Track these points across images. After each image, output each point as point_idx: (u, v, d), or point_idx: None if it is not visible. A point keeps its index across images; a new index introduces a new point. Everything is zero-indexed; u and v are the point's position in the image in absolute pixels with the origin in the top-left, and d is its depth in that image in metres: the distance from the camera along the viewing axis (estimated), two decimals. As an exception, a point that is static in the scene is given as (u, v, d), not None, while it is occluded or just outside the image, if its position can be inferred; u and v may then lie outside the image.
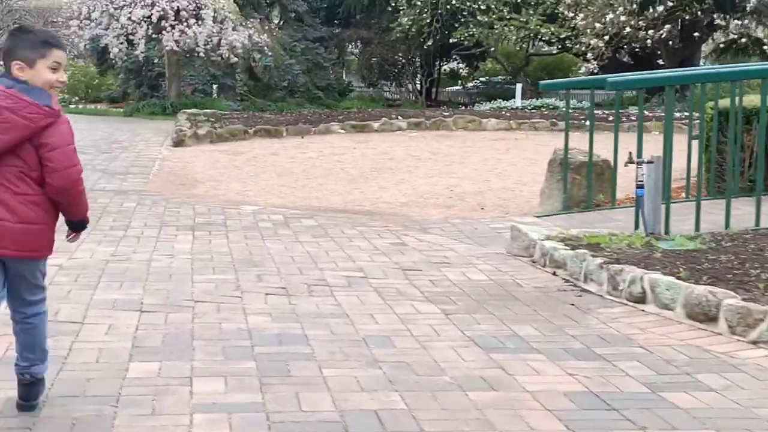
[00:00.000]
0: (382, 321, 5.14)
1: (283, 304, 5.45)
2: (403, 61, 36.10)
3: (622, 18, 25.15)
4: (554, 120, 17.97)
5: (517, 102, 23.55)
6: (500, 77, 41.64)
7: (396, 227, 8.35)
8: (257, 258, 6.76)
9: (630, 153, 7.23)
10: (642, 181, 7.04)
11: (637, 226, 7.29)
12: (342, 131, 17.04)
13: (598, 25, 25.65)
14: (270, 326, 4.93)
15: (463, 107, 31.29)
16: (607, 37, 25.66)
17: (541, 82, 8.85)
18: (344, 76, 39.25)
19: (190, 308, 5.25)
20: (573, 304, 5.61)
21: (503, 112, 19.63)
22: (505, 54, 36.29)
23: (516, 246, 7.06)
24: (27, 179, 3.39)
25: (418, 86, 37.47)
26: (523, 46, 35.93)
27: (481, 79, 40.23)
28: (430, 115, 18.65)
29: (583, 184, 9.03)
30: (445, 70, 42.89)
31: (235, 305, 5.36)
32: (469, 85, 39.42)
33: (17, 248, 3.41)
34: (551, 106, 26.78)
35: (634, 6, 25.25)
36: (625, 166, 7.38)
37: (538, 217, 8.80)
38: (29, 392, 3.56)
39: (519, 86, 24.48)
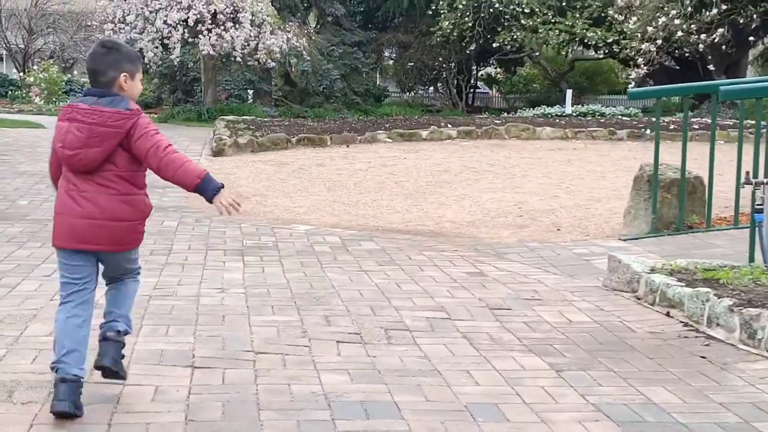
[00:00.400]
0: (482, 381, 4.25)
1: (360, 355, 4.57)
2: (445, 65, 35.21)
3: (676, 21, 24.10)
4: (612, 129, 16.98)
5: (567, 108, 22.59)
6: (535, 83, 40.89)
7: (467, 252, 7.46)
8: (320, 292, 5.89)
9: (747, 173, 6.30)
10: (761, 205, 6.09)
11: (752, 257, 6.35)
12: (389, 140, 16.17)
13: (650, 28, 24.62)
14: (350, 389, 4.05)
15: (506, 113, 30.40)
16: (660, 41, 24.64)
17: (630, 90, 7.89)
18: (377, 81, 38.41)
19: (251, 362, 4.38)
20: (704, 357, 4.69)
21: (557, 120, 18.66)
22: (548, 59, 35.34)
23: (615, 279, 6.14)
24: (119, 180, 3.68)
25: (456, 91, 36.62)
26: (565, 50, 35.12)
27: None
28: (481, 122, 17.73)
29: (673, 204, 8.09)
30: (481, 75, 41.98)
31: (304, 357, 4.49)
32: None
33: (111, 244, 3.72)
34: (597, 113, 25.81)
35: (689, 9, 24.22)
36: (742, 187, 6.44)
37: (623, 240, 7.87)
38: (107, 348, 3.77)
39: (569, 92, 23.47)
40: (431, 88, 38.80)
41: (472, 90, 38.33)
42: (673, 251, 7.24)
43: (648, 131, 16.82)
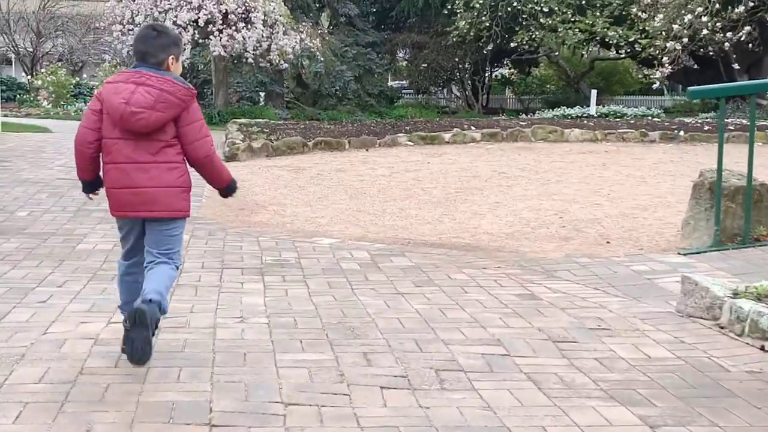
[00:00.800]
0: (564, 442, 3.48)
1: (411, 406, 3.80)
2: (460, 66, 34.42)
3: (703, 18, 23.25)
4: (644, 130, 16.16)
5: (592, 110, 21.75)
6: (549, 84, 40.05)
7: (512, 269, 6.69)
8: (354, 321, 5.11)
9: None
10: None
11: None
12: (410, 143, 15.40)
13: (675, 26, 23.77)
14: (405, 456, 3.28)
15: (524, 114, 29.59)
16: (685, 40, 23.79)
17: (690, 88, 7.09)
18: (389, 82, 37.54)
19: (281, 417, 3.61)
20: (821, 405, 3.90)
21: (584, 122, 17.84)
22: (566, 59, 34.50)
23: (692, 304, 5.35)
24: (169, 149, 3.96)
25: (471, 92, 35.81)
26: (581, 50, 34.28)
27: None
28: (506, 124, 16.93)
29: (737, 214, 7.29)
30: (496, 75, 41.12)
31: (344, 410, 3.72)
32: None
33: (165, 209, 4.00)
34: (618, 114, 24.98)
35: (716, 6, 23.35)
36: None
37: (683, 254, 7.07)
38: (141, 314, 3.79)
39: (594, 93, 22.63)
40: (445, 90, 38.04)
41: (487, 91, 37.50)
42: (743, 268, 6.46)
43: (681, 133, 16.01)
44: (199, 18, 22.49)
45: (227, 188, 4.34)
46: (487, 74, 36.86)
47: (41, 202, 9.43)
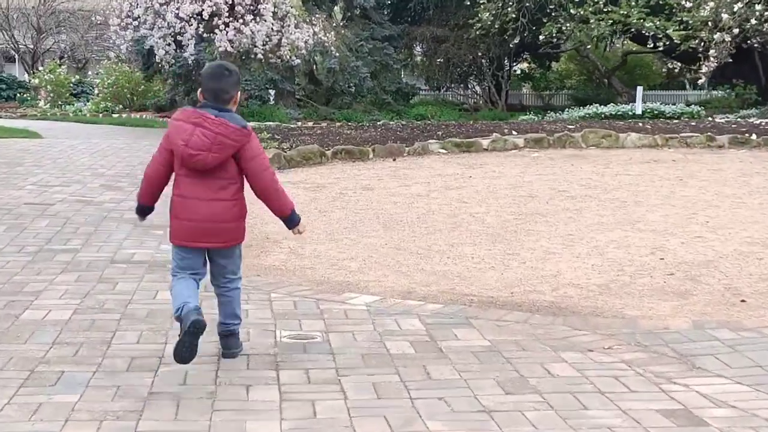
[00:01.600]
0: None
1: None
2: (483, 61, 32.35)
3: (758, 7, 21.13)
4: (710, 134, 14.09)
5: (638, 108, 19.66)
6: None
7: (630, 351, 4.69)
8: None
9: None
10: None
11: None
12: (443, 151, 13.38)
13: (725, 16, 21.68)
14: None
15: (551, 112, 27.54)
16: (736, 30, 21.69)
17: None
18: (402, 77, 35.38)
19: None
20: None
21: (639, 124, 15.77)
22: (598, 53, 32.42)
23: None
24: (230, 187, 4.31)
25: (494, 89, 33.70)
26: (606, 42, 32.22)
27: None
28: (552, 128, 14.88)
29: None
30: (515, 70, 38.98)
31: None
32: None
33: (227, 241, 4.38)
34: (656, 111, 22.95)
35: (771, -7, 21.26)
36: None
37: None
38: (229, 343, 4.56)
39: (639, 89, 20.46)
40: (462, 86, 35.94)
41: (505, 87, 35.28)
42: None
43: (753, 137, 13.96)
44: (203, 10, 20.51)
45: (290, 217, 4.47)
46: (506, 69, 34.72)
47: (-4, 238, 7.46)
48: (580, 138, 13.90)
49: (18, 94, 36.01)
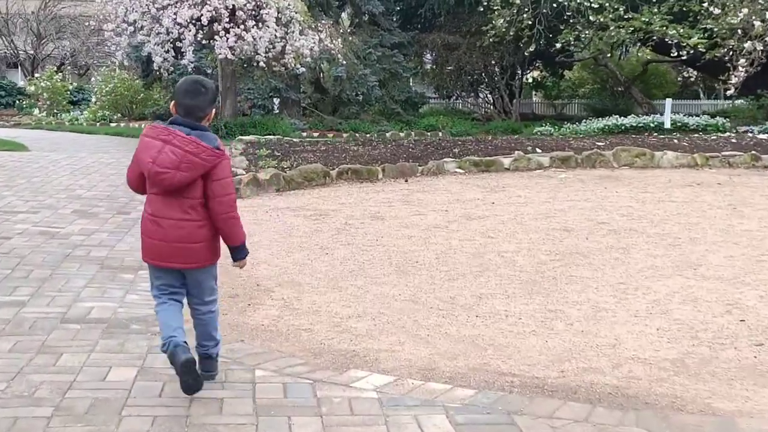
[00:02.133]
0: None
1: None
2: (495, 69, 31.03)
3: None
4: (755, 152, 12.76)
5: (667, 121, 18.33)
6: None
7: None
8: None
9: None
10: None
11: None
12: (460, 171, 12.08)
13: (757, 23, 20.36)
14: None
15: (568, 123, 26.23)
16: (768, 38, 20.36)
17: None
18: (411, 85, 34.05)
19: None
20: None
21: (674, 141, 14.44)
22: (616, 62, 31.10)
23: None
24: (199, 208, 4.16)
25: (508, 98, 32.39)
26: (618, 50, 30.95)
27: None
28: (579, 145, 13.57)
29: None
30: (526, 79, 37.68)
31: None
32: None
33: (198, 261, 4.22)
34: (679, 123, 21.64)
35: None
36: None
37: None
38: (205, 365, 4.39)
39: (668, 102, 19.12)
40: (473, 94, 34.63)
41: (516, 96, 33.91)
42: None
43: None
44: (202, 15, 19.25)
45: (239, 247, 4.31)
46: (517, 78, 33.44)
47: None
48: (611, 156, 12.57)
49: (17, 101, 35.02)
